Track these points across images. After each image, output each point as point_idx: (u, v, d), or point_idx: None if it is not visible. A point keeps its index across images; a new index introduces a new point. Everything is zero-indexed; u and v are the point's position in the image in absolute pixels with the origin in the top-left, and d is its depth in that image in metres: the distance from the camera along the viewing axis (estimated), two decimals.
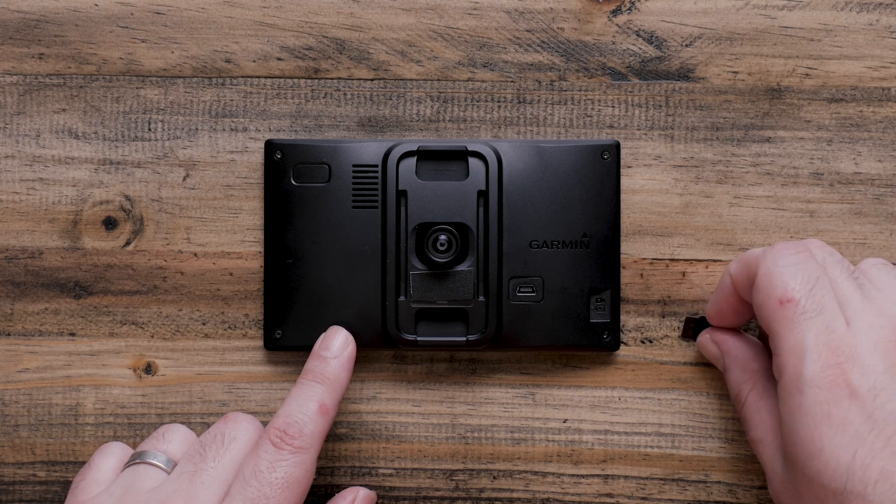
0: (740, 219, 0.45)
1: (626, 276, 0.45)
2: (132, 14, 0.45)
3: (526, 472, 0.45)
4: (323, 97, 0.45)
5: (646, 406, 0.45)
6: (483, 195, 0.44)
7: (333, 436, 0.46)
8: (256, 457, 0.38)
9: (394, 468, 0.46)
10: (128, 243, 0.45)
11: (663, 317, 0.45)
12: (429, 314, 0.44)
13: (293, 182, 0.44)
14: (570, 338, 0.44)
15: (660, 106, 0.45)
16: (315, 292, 0.44)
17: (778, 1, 0.45)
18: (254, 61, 0.45)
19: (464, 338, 0.44)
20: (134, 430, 0.45)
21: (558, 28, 0.45)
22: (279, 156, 0.44)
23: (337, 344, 0.42)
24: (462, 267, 0.44)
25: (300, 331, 0.44)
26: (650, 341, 0.45)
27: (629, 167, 0.45)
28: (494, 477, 0.45)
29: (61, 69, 0.45)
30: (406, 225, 0.44)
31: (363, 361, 0.45)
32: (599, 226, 0.44)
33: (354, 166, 0.44)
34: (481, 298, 0.44)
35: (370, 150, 0.44)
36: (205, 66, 0.45)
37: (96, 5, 0.45)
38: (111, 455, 0.42)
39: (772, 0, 0.45)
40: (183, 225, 0.45)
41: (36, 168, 0.45)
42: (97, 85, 0.45)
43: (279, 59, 0.45)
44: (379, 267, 0.44)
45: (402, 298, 0.44)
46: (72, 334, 0.45)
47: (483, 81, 0.45)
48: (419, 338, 0.44)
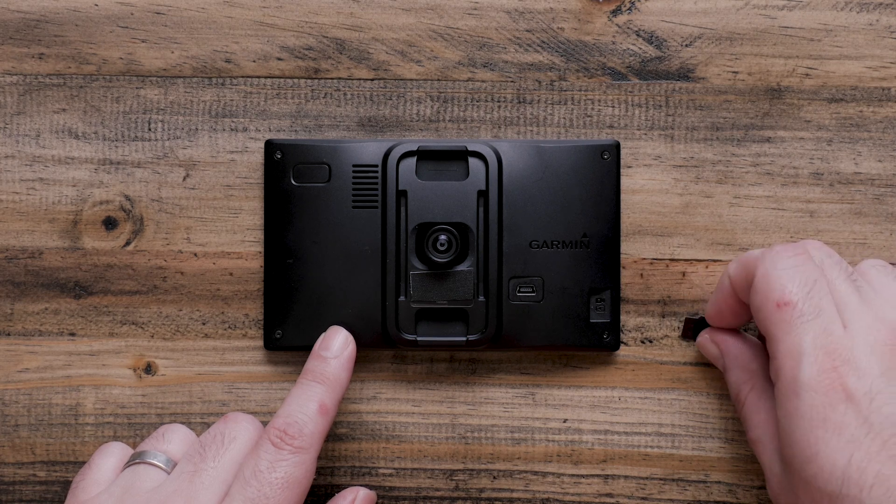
0: (740, 219, 0.45)
1: (626, 276, 0.45)
2: (132, 14, 0.45)
3: (526, 472, 0.45)
4: (323, 97, 0.45)
5: (646, 406, 0.45)
6: (483, 195, 0.44)
7: (333, 436, 0.46)
8: (256, 457, 0.38)
9: (394, 468, 0.46)
10: (128, 243, 0.45)
11: (663, 317, 0.45)
12: (429, 314, 0.44)
13: (293, 182, 0.44)
14: (570, 338, 0.44)
15: (660, 106, 0.45)
16: (315, 292, 0.44)
17: (778, 1, 0.45)
18: (254, 61, 0.45)
19: (464, 338, 0.44)
20: (134, 430, 0.45)
21: (558, 28, 0.45)
22: (279, 156, 0.44)
23: (337, 344, 0.42)
24: (462, 267, 0.44)
25: (300, 331, 0.44)
26: (650, 341, 0.45)
27: (629, 167, 0.45)
28: (494, 477, 0.45)
29: (61, 69, 0.45)
30: (406, 225, 0.44)
31: (363, 361, 0.45)
32: (599, 226, 0.44)
33: (354, 166, 0.44)
34: (481, 298, 0.44)
35: (370, 150, 0.44)
36: (205, 66, 0.45)
37: (96, 5, 0.45)
38: (111, 455, 0.42)
39: (772, 0, 0.45)
40: (183, 225, 0.45)
41: (36, 168, 0.45)
42: (97, 85, 0.45)
43: (279, 59, 0.45)
44: (379, 267, 0.44)
45: (402, 298, 0.44)
46: (72, 334, 0.45)
47: (483, 81, 0.45)
48: (419, 338, 0.44)
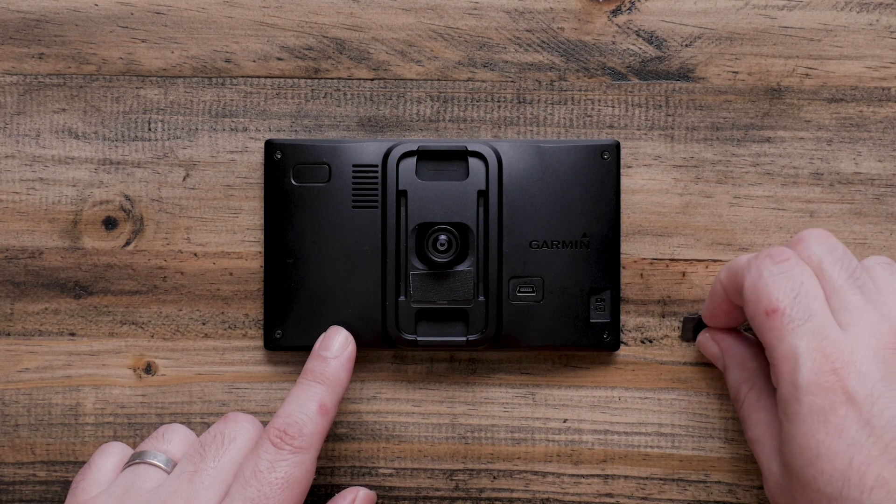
0: (740, 219, 0.45)
1: (626, 276, 0.45)
2: (132, 14, 0.45)
3: (526, 472, 0.45)
4: (323, 97, 0.45)
5: (646, 406, 0.45)
6: (483, 195, 0.44)
7: (333, 436, 0.46)
8: (256, 457, 0.38)
9: (394, 468, 0.46)
10: (128, 243, 0.45)
11: (663, 317, 0.45)
12: (429, 314, 0.44)
13: (293, 182, 0.44)
14: (570, 338, 0.44)
15: (660, 106, 0.45)
16: (315, 292, 0.44)
17: (778, 1, 0.45)
18: (254, 61, 0.45)
19: (464, 338, 0.44)
20: (134, 430, 0.45)
21: (558, 28, 0.45)
22: (279, 156, 0.44)
23: (337, 344, 0.42)
24: (462, 267, 0.44)
25: (300, 331, 0.44)
26: (650, 341, 0.45)
27: (629, 167, 0.45)
28: (494, 477, 0.45)
29: (61, 69, 0.45)
30: (406, 225, 0.44)
31: (363, 361, 0.45)
32: (599, 226, 0.44)
33: (354, 166, 0.44)
34: (481, 298, 0.44)
35: (370, 150, 0.44)
36: (205, 66, 0.45)
37: (96, 5, 0.45)
38: (111, 455, 0.42)
39: (772, 0, 0.45)
40: (183, 225, 0.45)
41: (36, 168, 0.45)
42: (97, 85, 0.45)
43: (279, 59, 0.45)
44: (379, 267, 0.44)
45: (402, 298, 0.44)
46: (72, 334, 0.45)
47: (483, 81, 0.45)
48: (419, 338, 0.44)
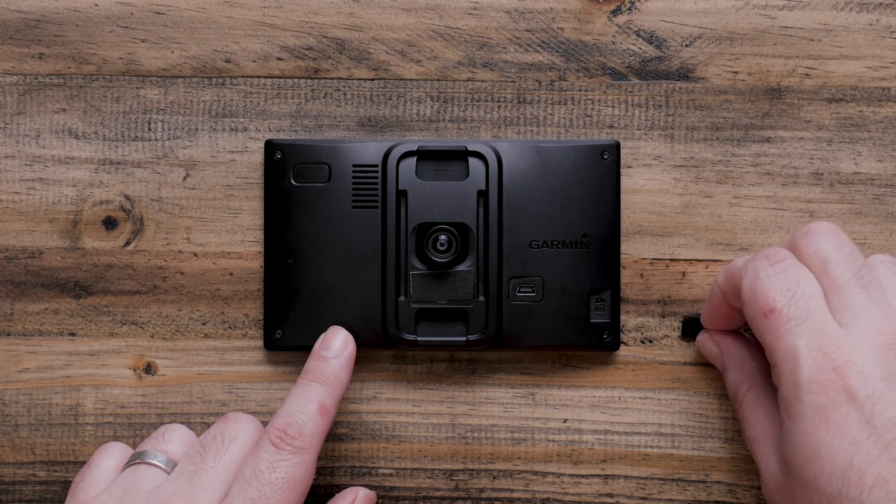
0: (740, 219, 0.45)
1: (626, 276, 0.45)
2: (132, 14, 0.45)
3: (526, 472, 0.45)
4: (323, 97, 0.45)
5: (646, 406, 0.45)
6: (483, 195, 0.44)
7: (333, 436, 0.46)
8: (256, 457, 0.38)
9: (394, 468, 0.46)
10: (128, 243, 0.45)
11: (663, 317, 0.45)
12: (429, 314, 0.44)
13: (293, 182, 0.44)
14: (570, 338, 0.44)
15: (660, 106, 0.45)
16: (315, 292, 0.44)
17: (778, 1, 0.45)
18: (254, 61, 0.45)
19: (464, 338, 0.44)
20: (134, 430, 0.45)
21: (558, 28, 0.45)
22: (279, 156, 0.44)
23: (337, 344, 0.42)
24: (462, 267, 0.44)
25: (300, 331, 0.44)
26: (650, 341, 0.45)
27: (629, 167, 0.45)
28: (494, 477, 0.45)
29: (61, 69, 0.45)
30: (406, 225, 0.44)
31: (363, 361, 0.45)
32: (599, 226, 0.44)
33: (354, 166, 0.44)
34: (481, 298, 0.44)
35: (370, 150, 0.44)
36: (205, 66, 0.45)
37: (96, 5, 0.45)
38: (111, 455, 0.42)
39: (772, 0, 0.45)
40: (183, 225, 0.45)
41: (36, 168, 0.45)
42: (97, 85, 0.45)
43: (279, 59, 0.45)
44: (379, 267, 0.44)
45: (402, 298, 0.44)
46: (72, 334, 0.45)
47: (483, 81, 0.45)
48: (419, 338, 0.44)
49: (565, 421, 0.45)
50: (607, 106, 0.45)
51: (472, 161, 0.44)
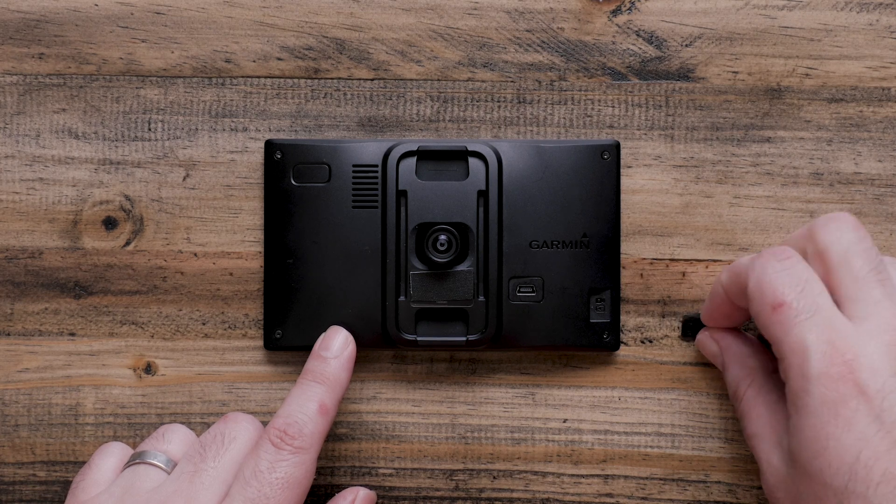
0: (740, 219, 0.45)
1: (626, 276, 0.45)
2: (132, 14, 0.45)
3: (526, 472, 0.45)
4: (323, 97, 0.45)
5: (646, 406, 0.45)
6: (483, 195, 0.44)
7: (333, 436, 0.46)
8: (256, 457, 0.38)
9: (394, 468, 0.46)
10: (128, 243, 0.45)
11: (663, 317, 0.45)
12: (429, 314, 0.44)
13: (293, 182, 0.44)
14: (570, 338, 0.44)
15: (660, 106, 0.45)
16: (315, 292, 0.44)
17: (778, 1, 0.45)
18: (254, 61, 0.45)
19: (464, 338, 0.44)
20: (134, 430, 0.45)
21: (558, 28, 0.45)
22: (279, 156, 0.44)
23: (337, 344, 0.42)
24: (462, 267, 0.44)
25: (300, 331, 0.44)
26: (650, 341, 0.45)
27: (629, 167, 0.45)
28: (494, 477, 0.45)
29: (61, 69, 0.45)
30: (406, 225, 0.44)
31: (363, 361, 0.45)
32: (599, 226, 0.44)
33: (354, 166, 0.44)
34: (481, 298, 0.44)
35: (370, 150, 0.44)
36: (205, 66, 0.45)
37: (96, 5, 0.45)
38: (111, 455, 0.42)
39: (772, 0, 0.45)
40: (183, 225, 0.45)
41: (36, 168, 0.45)
42: (97, 85, 0.45)
43: (279, 59, 0.45)
44: (379, 267, 0.44)
45: (402, 298, 0.44)
46: (72, 334, 0.45)
47: (483, 81, 0.45)
48: (419, 338, 0.44)
49: (565, 421, 0.45)
50: (607, 106, 0.45)
51: (472, 161, 0.44)
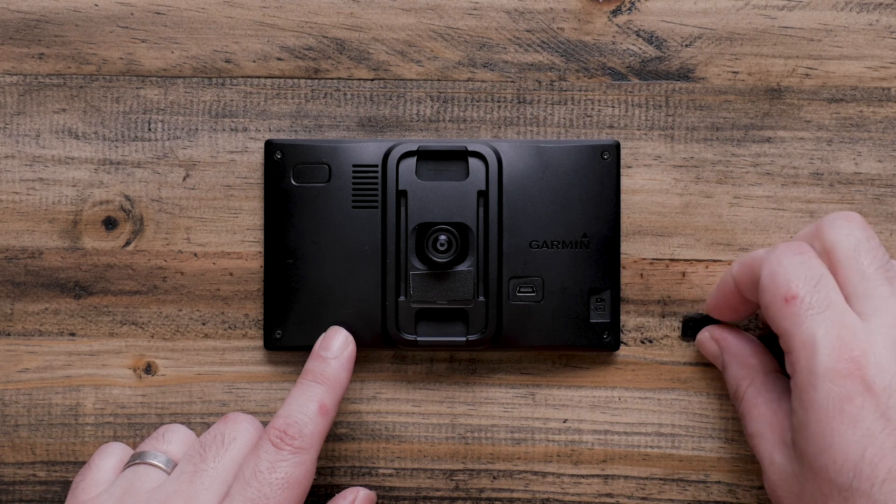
0: (740, 219, 0.45)
1: (626, 276, 0.45)
2: (132, 14, 0.45)
3: (526, 472, 0.45)
4: (323, 97, 0.45)
5: (646, 406, 0.45)
6: (483, 195, 0.44)
7: (333, 436, 0.46)
8: (256, 457, 0.38)
9: (394, 468, 0.46)
10: (128, 243, 0.45)
11: (663, 317, 0.45)
12: (429, 314, 0.44)
13: (293, 182, 0.44)
14: (570, 338, 0.44)
15: (660, 106, 0.45)
16: (315, 292, 0.44)
17: (778, 1, 0.45)
18: (254, 61, 0.45)
19: (464, 338, 0.44)
20: (134, 430, 0.45)
21: (558, 28, 0.45)
22: (279, 156, 0.44)
23: (337, 344, 0.42)
24: (462, 267, 0.44)
25: (300, 331, 0.44)
26: (650, 341, 0.45)
27: (629, 167, 0.45)
28: (494, 477, 0.45)
29: (61, 69, 0.45)
30: (406, 225, 0.44)
31: (363, 361, 0.45)
32: (599, 226, 0.44)
33: (354, 166, 0.44)
34: (481, 298, 0.44)
35: (370, 150, 0.44)
36: (205, 66, 0.45)
37: (96, 5, 0.45)
38: (111, 455, 0.42)
39: (772, 0, 0.45)
40: (183, 225, 0.45)
41: (36, 168, 0.45)
42: (97, 85, 0.45)
43: (279, 59, 0.45)
44: (379, 267, 0.44)
45: (402, 298, 0.44)
46: (72, 334, 0.45)
47: (483, 81, 0.45)
48: (419, 338, 0.44)
49: (565, 421, 0.45)
50: (607, 106, 0.45)
51: (472, 161, 0.44)
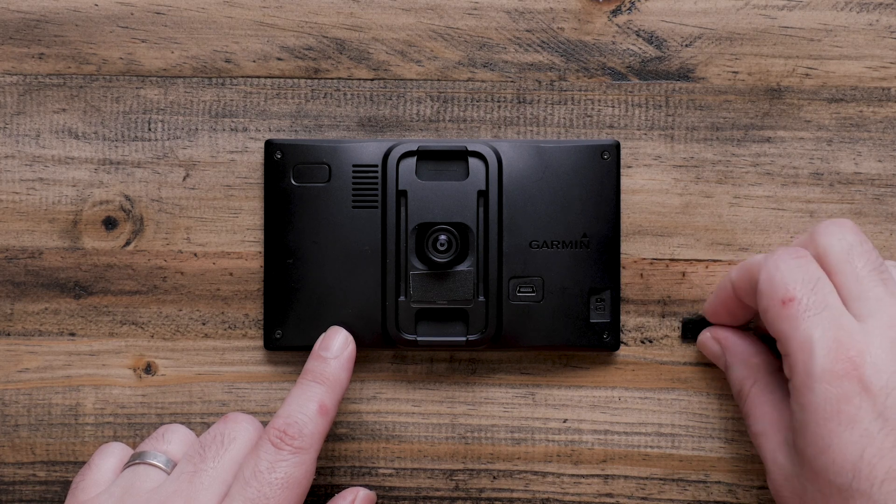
0: (740, 219, 0.45)
1: (626, 276, 0.45)
2: (132, 14, 0.45)
3: (526, 472, 0.45)
4: (323, 97, 0.45)
5: (646, 406, 0.45)
6: (483, 195, 0.44)
7: (333, 436, 0.46)
8: (256, 457, 0.38)
9: (394, 468, 0.46)
10: (128, 243, 0.45)
11: (663, 317, 0.45)
12: (429, 314, 0.44)
13: (293, 182, 0.44)
14: (570, 338, 0.44)
15: (660, 106, 0.45)
16: (315, 292, 0.44)
17: (778, 1, 0.45)
18: (254, 61, 0.45)
19: (464, 338, 0.44)
20: (134, 430, 0.45)
21: (558, 28, 0.45)
22: (279, 156, 0.44)
23: (337, 344, 0.42)
24: (462, 267, 0.44)
25: (300, 331, 0.44)
26: (650, 341, 0.45)
27: (629, 167, 0.45)
28: (494, 477, 0.45)
29: (61, 69, 0.45)
30: (406, 225, 0.44)
31: (363, 361, 0.45)
32: (599, 226, 0.44)
33: (354, 166, 0.44)
34: (481, 298, 0.44)
35: (370, 150, 0.44)
36: (205, 66, 0.45)
37: (96, 5, 0.45)
38: (111, 455, 0.42)
39: (772, 0, 0.45)
40: (183, 225, 0.45)
41: (36, 168, 0.45)
42: (97, 85, 0.45)
43: (279, 59, 0.45)
44: (379, 267, 0.44)
45: (402, 298, 0.44)
46: (72, 334, 0.45)
47: (483, 81, 0.45)
48: (419, 338, 0.44)
49: (565, 421, 0.45)
50: (607, 106, 0.45)
51: (472, 161, 0.44)
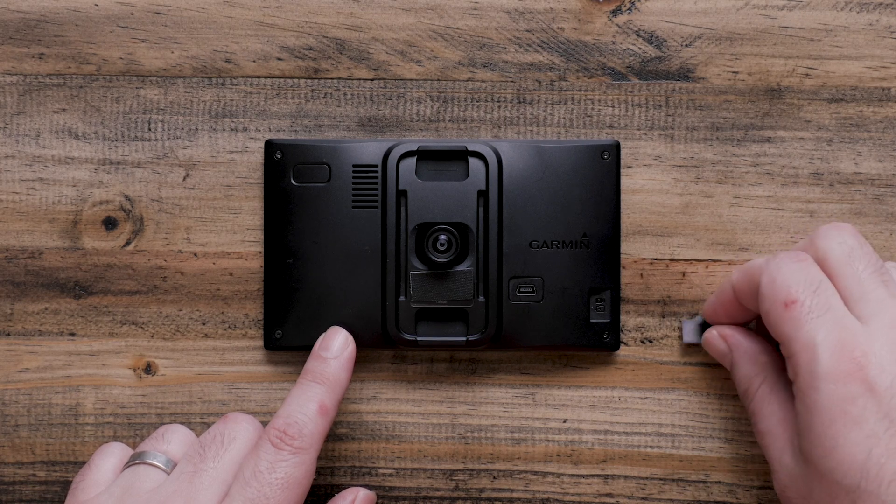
0: (740, 219, 0.45)
1: (626, 276, 0.45)
2: (132, 14, 0.45)
3: (526, 472, 0.45)
4: (323, 97, 0.45)
5: (646, 406, 0.45)
6: (483, 195, 0.44)
7: (333, 436, 0.46)
8: (256, 457, 0.38)
9: (394, 468, 0.46)
10: (128, 243, 0.45)
11: (663, 317, 0.45)
12: (429, 314, 0.44)
13: (293, 182, 0.44)
14: (570, 338, 0.44)
15: (660, 106, 0.45)
16: (315, 292, 0.44)
17: (778, 1, 0.45)
18: (254, 61, 0.45)
19: (464, 338, 0.44)
20: (134, 430, 0.45)
21: (558, 28, 0.45)
22: (279, 156, 0.44)
23: (337, 344, 0.42)
24: (462, 267, 0.44)
25: (300, 331, 0.44)
26: (650, 341, 0.45)
27: (629, 167, 0.45)
28: (494, 477, 0.45)
29: (61, 69, 0.45)
30: (406, 225, 0.44)
31: (363, 361, 0.45)
32: (599, 226, 0.44)
33: (354, 166, 0.44)
34: (481, 298, 0.44)
35: (370, 150, 0.44)
36: (205, 66, 0.45)
37: (96, 5, 0.45)
38: (111, 455, 0.42)
39: (772, 0, 0.45)
40: (183, 225, 0.45)
41: (36, 168, 0.45)
42: (97, 85, 0.45)
43: (279, 59, 0.45)
44: (379, 267, 0.44)
45: (402, 298, 0.44)
46: (72, 334, 0.45)
47: (483, 81, 0.45)
48: (419, 338, 0.44)
49: (565, 421, 0.45)
50: (607, 106, 0.45)
51: (472, 161, 0.44)
